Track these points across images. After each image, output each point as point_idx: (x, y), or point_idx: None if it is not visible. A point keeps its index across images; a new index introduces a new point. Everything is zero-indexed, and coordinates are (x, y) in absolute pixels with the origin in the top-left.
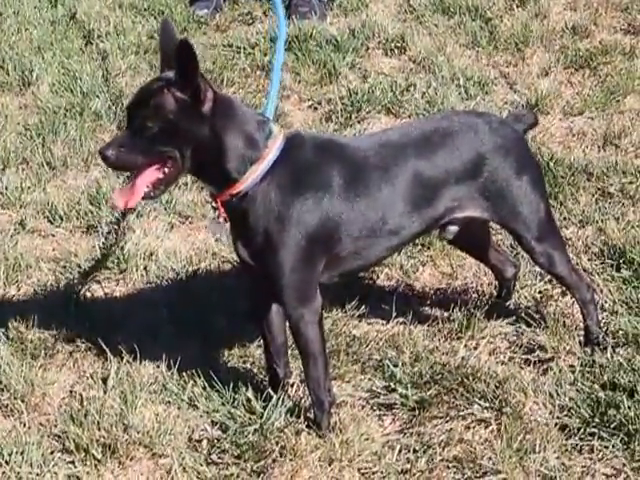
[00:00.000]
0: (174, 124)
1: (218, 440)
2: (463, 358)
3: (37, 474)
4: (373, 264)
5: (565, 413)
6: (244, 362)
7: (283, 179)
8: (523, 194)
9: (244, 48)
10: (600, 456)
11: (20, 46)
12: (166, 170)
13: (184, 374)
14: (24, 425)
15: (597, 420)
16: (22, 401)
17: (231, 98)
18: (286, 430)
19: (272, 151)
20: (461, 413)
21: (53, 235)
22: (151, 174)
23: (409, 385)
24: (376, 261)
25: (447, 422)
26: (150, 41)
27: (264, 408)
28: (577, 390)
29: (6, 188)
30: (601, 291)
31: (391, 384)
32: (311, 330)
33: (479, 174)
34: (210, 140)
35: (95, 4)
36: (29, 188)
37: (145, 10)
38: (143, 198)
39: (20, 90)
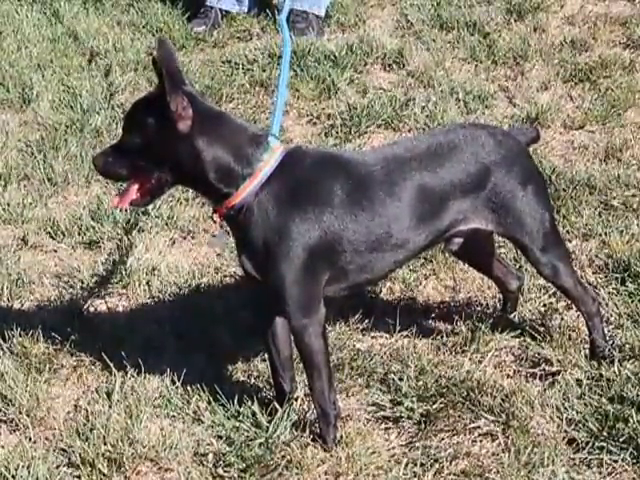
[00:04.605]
0: (149, 140)
1: (224, 454)
2: (468, 371)
3: None
4: (381, 278)
5: (573, 427)
6: (249, 376)
7: (280, 192)
8: (528, 205)
9: (242, 64)
10: (609, 470)
11: (20, 63)
12: (153, 182)
13: (189, 388)
14: (29, 439)
15: (605, 434)
16: (27, 415)
17: (220, 114)
18: (292, 444)
19: (268, 165)
20: (468, 427)
21: (55, 251)
22: (142, 183)
23: (415, 398)
24: (383, 275)
25: (454, 436)
26: (149, 58)
27: (269, 422)
28: (584, 404)
29: (8, 204)
30: (606, 304)
31: (396, 397)
32: (315, 341)
33: (484, 186)
34: (190, 157)
35: (94, 22)
36: (31, 204)
37: (143, 27)
38: (131, 204)
39: (21, 107)
